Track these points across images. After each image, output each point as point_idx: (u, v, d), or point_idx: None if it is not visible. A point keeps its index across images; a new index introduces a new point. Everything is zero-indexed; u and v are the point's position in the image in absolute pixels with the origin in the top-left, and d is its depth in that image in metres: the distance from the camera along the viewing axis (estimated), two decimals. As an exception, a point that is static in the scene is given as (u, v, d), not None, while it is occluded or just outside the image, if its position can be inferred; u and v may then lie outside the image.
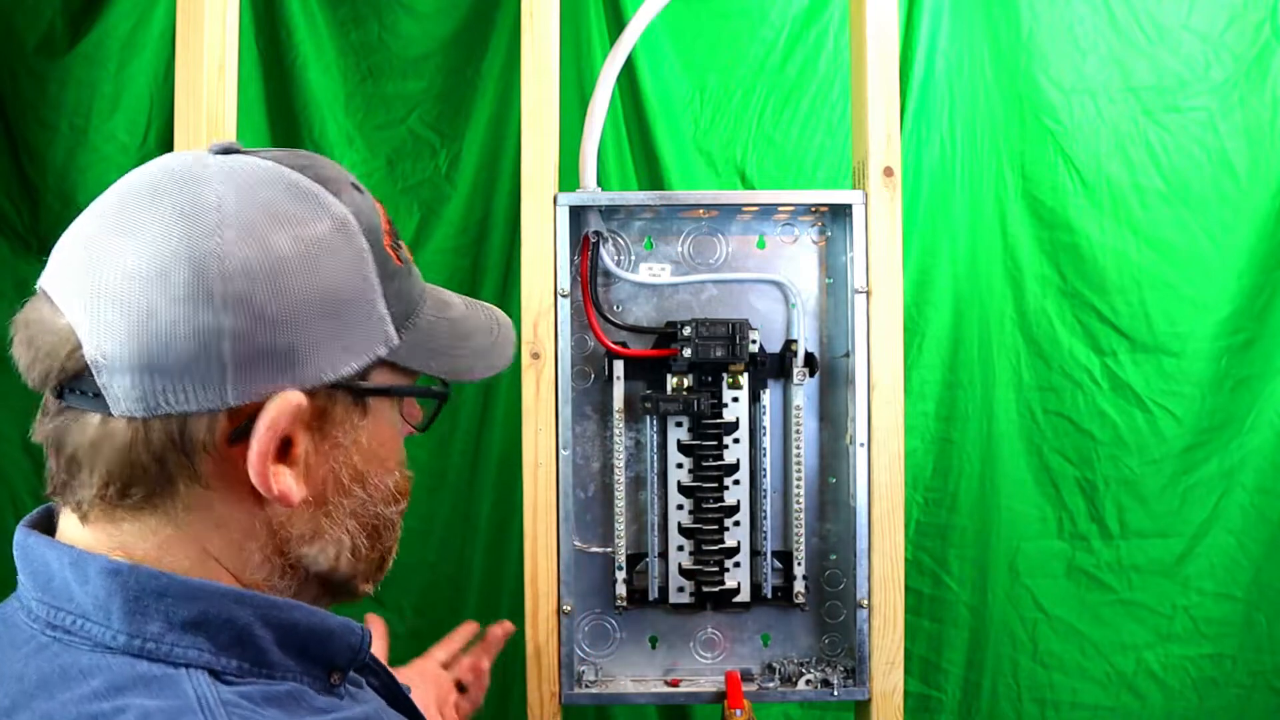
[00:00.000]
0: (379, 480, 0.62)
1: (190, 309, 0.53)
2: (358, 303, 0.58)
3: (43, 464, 1.87)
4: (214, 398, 0.54)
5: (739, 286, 1.29)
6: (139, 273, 0.53)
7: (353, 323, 0.58)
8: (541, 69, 1.21)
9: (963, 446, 1.68)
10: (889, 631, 1.22)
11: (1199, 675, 1.70)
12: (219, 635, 0.55)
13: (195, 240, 0.54)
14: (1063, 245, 1.68)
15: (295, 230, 0.56)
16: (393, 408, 0.63)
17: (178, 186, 0.56)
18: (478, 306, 0.70)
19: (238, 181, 0.57)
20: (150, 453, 0.55)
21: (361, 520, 0.62)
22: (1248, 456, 1.68)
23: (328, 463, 0.59)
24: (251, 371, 0.54)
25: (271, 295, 0.54)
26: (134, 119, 1.64)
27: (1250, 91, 1.66)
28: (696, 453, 1.26)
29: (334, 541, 0.61)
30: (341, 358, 0.57)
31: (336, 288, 0.57)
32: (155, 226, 0.55)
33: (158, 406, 0.54)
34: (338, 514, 0.60)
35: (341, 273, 0.57)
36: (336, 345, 0.57)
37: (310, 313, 0.56)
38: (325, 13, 1.68)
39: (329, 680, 0.61)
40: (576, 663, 1.26)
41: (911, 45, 1.65)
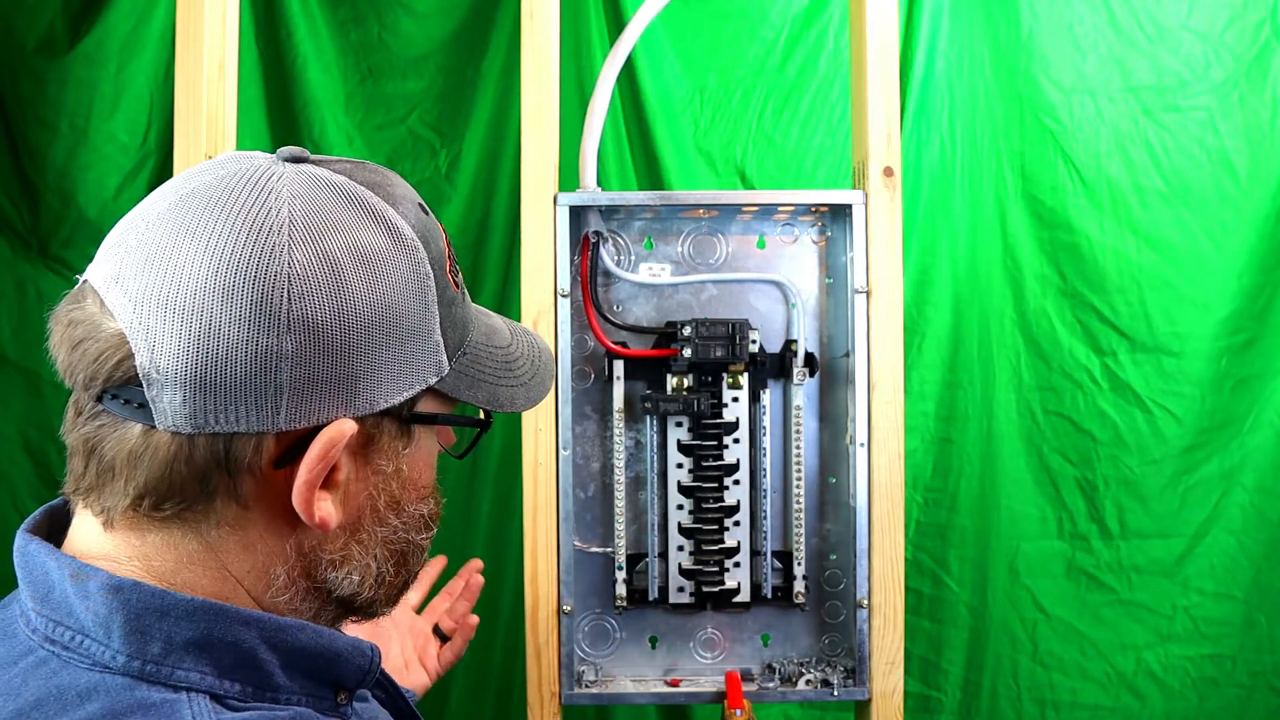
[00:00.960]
0: (414, 508, 0.61)
1: (253, 331, 0.51)
2: (418, 331, 0.57)
3: (43, 464, 1.87)
4: (265, 421, 0.53)
5: (739, 286, 1.29)
6: (203, 286, 0.51)
7: (411, 351, 0.56)
8: (541, 69, 1.21)
9: (963, 446, 1.68)
10: (889, 631, 1.22)
11: (1199, 675, 1.70)
12: (223, 658, 0.54)
13: (264, 258, 0.52)
14: (1063, 245, 1.68)
15: (366, 256, 0.54)
16: (432, 435, 0.62)
17: (248, 193, 0.54)
18: (520, 333, 0.69)
19: (310, 197, 0.55)
20: (192, 469, 0.53)
21: (391, 548, 0.61)
22: (1248, 456, 1.68)
23: (367, 489, 0.58)
24: (308, 398, 0.53)
25: (336, 323, 0.53)
26: (134, 119, 1.64)
27: (1250, 91, 1.66)
28: (696, 453, 1.26)
29: (361, 568, 0.59)
30: (396, 386, 0.56)
31: (400, 316, 0.55)
32: (223, 236, 0.52)
33: (206, 425, 0.52)
34: (370, 541, 0.60)
35: (406, 301, 0.56)
36: (393, 373, 0.56)
37: (373, 342, 0.54)
38: (325, 13, 1.68)
39: (336, 700, 0.59)
40: (576, 663, 1.26)
41: (911, 45, 1.65)
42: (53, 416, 1.66)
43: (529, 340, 0.70)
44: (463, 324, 0.61)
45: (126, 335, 0.52)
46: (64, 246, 1.65)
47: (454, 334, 0.60)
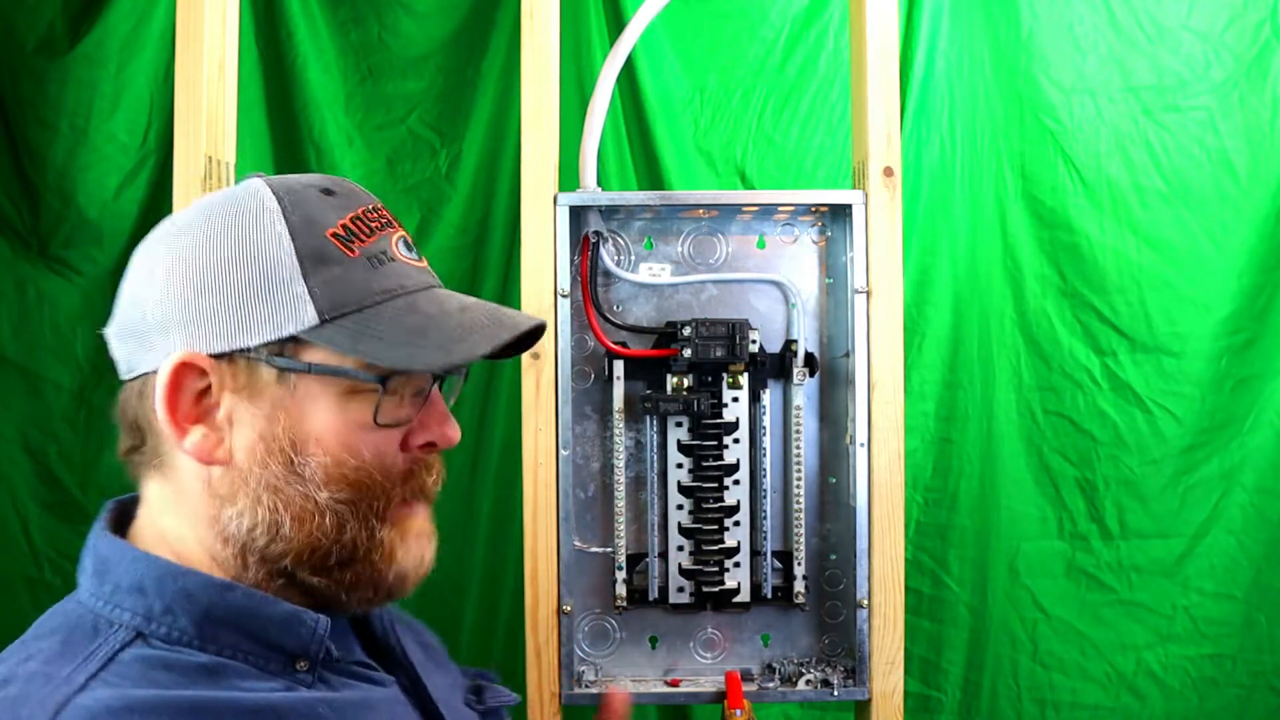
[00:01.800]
0: (304, 458, 0.65)
1: (141, 285, 0.66)
2: (267, 282, 0.64)
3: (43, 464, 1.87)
4: (152, 359, 0.65)
5: (739, 286, 1.29)
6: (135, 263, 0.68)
7: (261, 299, 0.64)
8: (541, 69, 1.21)
9: (963, 446, 1.68)
10: (889, 631, 1.22)
11: (1199, 675, 1.70)
12: (154, 602, 0.62)
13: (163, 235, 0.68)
14: (1063, 245, 1.68)
15: (217, 221, 0.66)
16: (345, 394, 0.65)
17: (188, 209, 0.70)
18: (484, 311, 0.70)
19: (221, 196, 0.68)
20: (132, 411, 0.67)
21: (284, 497, 0.65)
22: (1248, 456, 1.68)
23: (249, 430, 0.65)
24: (167, 335, 0.64)
25: (186, 270, 0.64)
26: (134, 119, 1.64)
27: (1250, 91, 1.66)
28: (696, 453, 1.26)
29: (249, 510, 0.64)
30: (247, 330, 0.64)
31: (242, 266, 0.64)
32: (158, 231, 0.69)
33: (132, 368, 0.67)
34: (253, 482, 0.64)
35: (249, 253, 0.64)
36: (241, 317, 0.64)
37: (215, 286, 0.64)
38: (325, 13, 1.68)
39: (292, 666, 0.65)
40: (576, 663, 1.26)
41: (911, 45, 1.65)
42: (53, 416, 1.66)
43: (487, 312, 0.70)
44: (358, 287, 0.65)
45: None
46: (64, 246, 1.65)
47: (336, 292, 0.65)
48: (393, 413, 0.67)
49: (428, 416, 0.69)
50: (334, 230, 0.66)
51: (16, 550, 1.66)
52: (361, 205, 0.68)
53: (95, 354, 1.65)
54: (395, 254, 0.68)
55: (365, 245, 0.67)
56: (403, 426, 0.68)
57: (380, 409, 0.66)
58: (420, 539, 0.70)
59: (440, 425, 0.70)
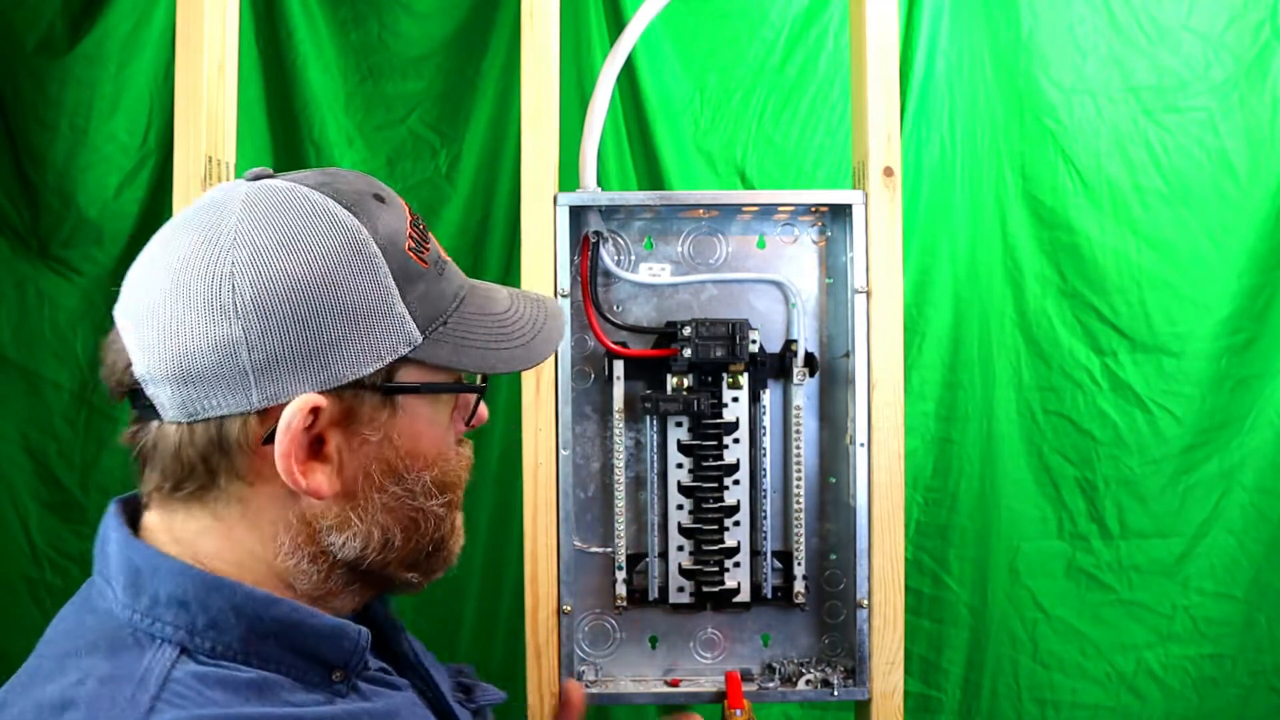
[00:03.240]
0: (416, 476, 0.66)
1: (208, 323, 0.60)
2: (373, 307, 0.62)
3: (43, 464, 1.87)
4: (241, 402, 0.61)
5: (739, 286, 1.29)
6: (168, 293, 0.60)
7: (369, 325, 0.62)
8: (541, 69, 1.21)
9: (963, 446, 1.68)
10: (889, 631, 1.22)
11: (1199, 675, 1.70)
12: (197, 617, 0.61)
13: (211, 260, 0.60)
14: (1063, 245, 1.68)
15: (305, 244, 0.61)
16: (434, 405, 0.67)
17: (206, 214, 0.63)
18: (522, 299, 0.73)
19: (255, 204, 0.62)
20: (196, 453, 0.62)
21: (397, 514, 0.66)
22: (1248, 456, 1.68)
23: (359, 459, 0.64)
24: (271, 375, 0.60)
25: (283, 305, 0.60)
26: (134, 119, 1.64)
27: (1250, 91, 1.66)
28: (696, 453, 1.26)
29: (363, 534, 0.65)
30: (360, 359, 0.62)
31: (348, 294, 0.61)
32: (183, 250, 0.61)
33: (196, 413, 0.61)
34: (369, 507, 0.65)
35: (352, 279, 0.62)
36: (353, 347, 0.62)
37: (322, 319, 0.61)
38: (325, 13, 1.68)
39: (329, 677, 0.64)
40: (576, 663, 1.26)
41: (911, 45, 1.65)
42: (53, 416, 1.66)
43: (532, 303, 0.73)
44: (438, 296, 0.66)
45: (127, 348, 0.62)
46: (64, 246, 1.65)
47: (427, 307, 0.65)
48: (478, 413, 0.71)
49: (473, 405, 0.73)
50: (409, 244, 0.65)
51: (16, 550, 1.66)
52: (408, 210, 0.68)
53: (95, 354, 1.65)
54: (443, 256, 0.69)
55: (428, 253, 0.67)
56: None
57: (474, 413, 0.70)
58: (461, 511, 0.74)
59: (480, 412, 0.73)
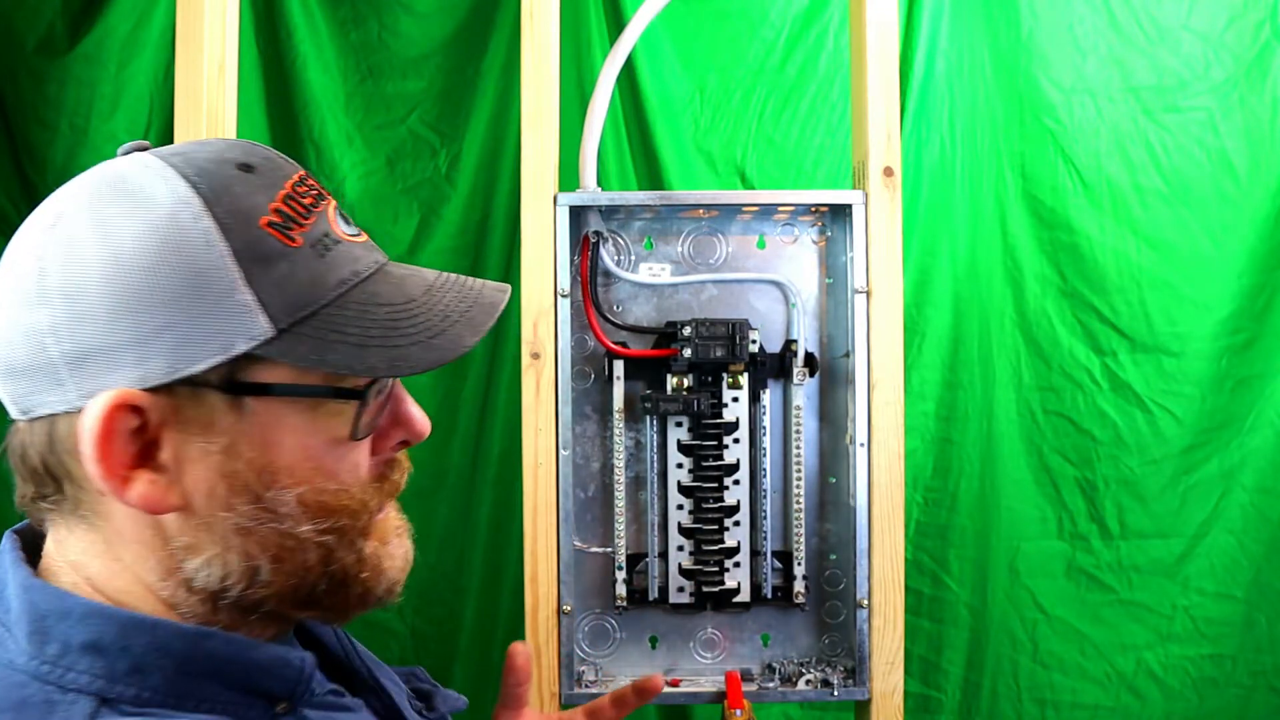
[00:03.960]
0: (276, 494, 0.55)
1: (20, 310, 0.53)
2: (200, 292, 0.52)
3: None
4: (61, 398, 0.53)
5: (739, 286, 1.29)
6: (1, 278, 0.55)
7: (197, 314, 0.52)
8: (541, 69, 1.21)
9: (963, 446, 1.68)
10: (889, 631, 1.22)
11: (1199, 675, 1.70)
12: (116, 662, 0.53)
13: (34, 245, 0.54)
14: (1063, 245, 1.68)
15: (119, 223, 0.53)
16: (314, 412, 0.56)
17: (55, 196, 0.57)
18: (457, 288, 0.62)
19: (94, 183, 0.56)
20: (38, 455, 0.55)
21: (259, 539, 0.55)
22: (1248, 456, 1.68)
23: (201, 470, 0.54)
24: (85, 371, 0.52)
25: (91, 290, 0.52)
26: (134, 119, 1.64)
27: (1250, 91, 1.66)
28: (696, 453, 1.26)
29: (218, 559, 0.55)
30: (186, 353, 0.52)
31: (168, 278, 0.52)
32: (20, 235, 0.56)
33: (28, 410, 0.54)
34: (218, 527, 0.55)
35: (173, 261, 0.52)
36: (178, 339, 0.52)
37: (137, 306, 0.52)
38: (325, 13, 1.68)
39: (272, 711, 0.57)
40: (576, 663, 1.26)
41: (911, 45, 1.65)
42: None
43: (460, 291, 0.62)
44: (312, 282, 0.55)
45: None
46: (64, 246, 1.65)
47: (289, 293, 0.54)
48: (370, 421, 0.58)
49: (396, 412, 0.61)
50: (268, 218, 0.54)
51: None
52: (287, 179, 0.57)
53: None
54: (337, 232, 0.58)
55: (305, 230, 0.56)
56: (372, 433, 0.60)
57: (360, 422, 0.57)
58: (399, 538, 0.63)
59: (410, 421, 0.61)
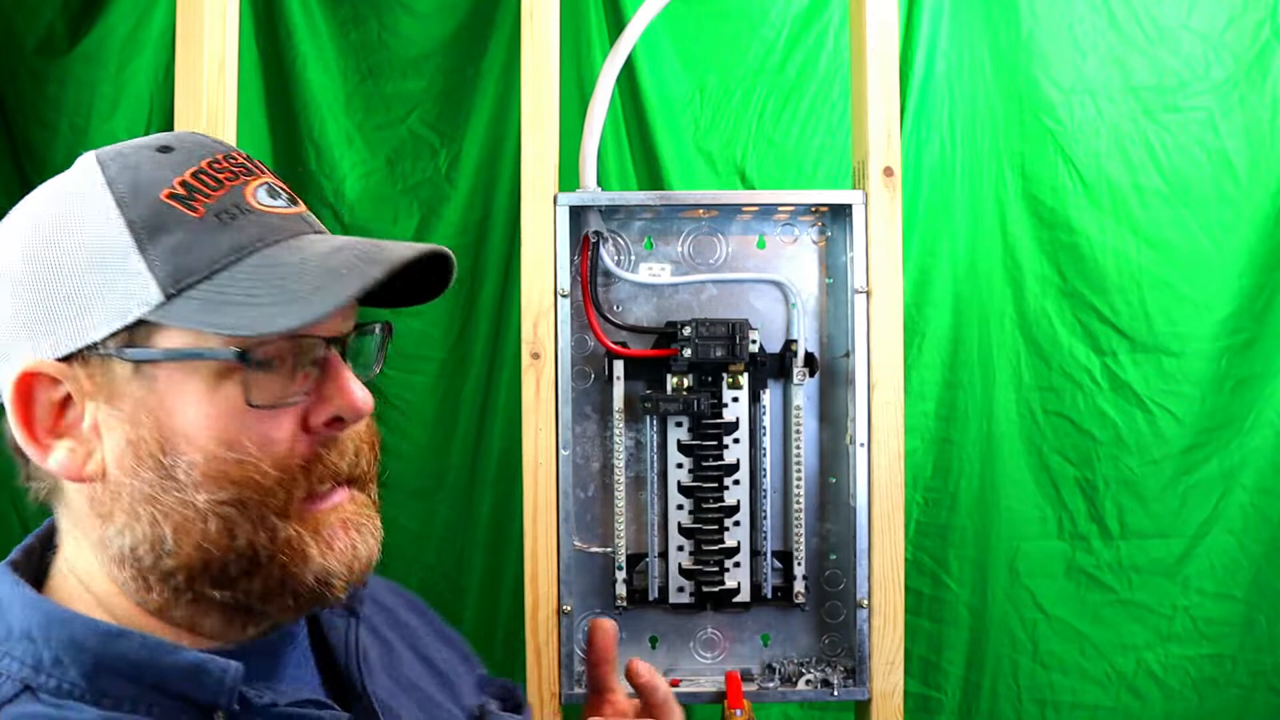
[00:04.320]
0: (176, 460, 0.55)
1: None
2: (96, 262, 0.55)
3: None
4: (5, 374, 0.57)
5: (739, 286, 1.29)
6: None
7: (95, 284, 0.55)
8: (541, 69, 1.21)
9: (963, 446, 1.68)
10: (889, 631, 1.22)
11: (1199, 675, 1.70)
12: (43, 652, 0.55)
13: None
14: (1063, 245, 1.68)
15: (33, 207, 0.58)
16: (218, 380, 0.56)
17: None
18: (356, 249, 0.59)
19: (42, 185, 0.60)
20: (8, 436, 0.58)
21: (161, 506, 0.56)
22: (1248, 456, 1.68)
23: (116, 437, 0.56)
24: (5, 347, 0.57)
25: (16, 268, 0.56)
26: (134, 119, 1.64)
27: (1250, 91, 1.66)
28: (696, 453, 1.26)
29: (129, 527, 0.56)
30: (87, 322, 0.55)
31: (68, 251, 0.55)
32: None
33: None
34: (125, 495, 0.56)
35: (73, 235, 0.55)
36: (80, 309, 0.55)
37: (45, 280, 0.55)
38: (325, 13, 1.67)
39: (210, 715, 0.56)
40: (576, 663, 1.26)
41: (911, 45, 1.65)
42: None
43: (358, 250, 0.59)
44: (208, 248, 0.56)
45: None
46: (64, 246, 1.65)
47: (182, 260, 0.55)
48: (272, 390, 0.57)
49: (326, 387, 0.59)
50: (170, 190, 0.56)
51: (16, 550, 1.66)
52: (207, 157, 0.59)
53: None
54: (252, 204, 0.58)
55: (211, 201, 0.57)
56: (292, 405, 0.58)
57: (252, 388, 0.56)
58: (346, 529, 0.60)
59: (342, 395, 0.58)
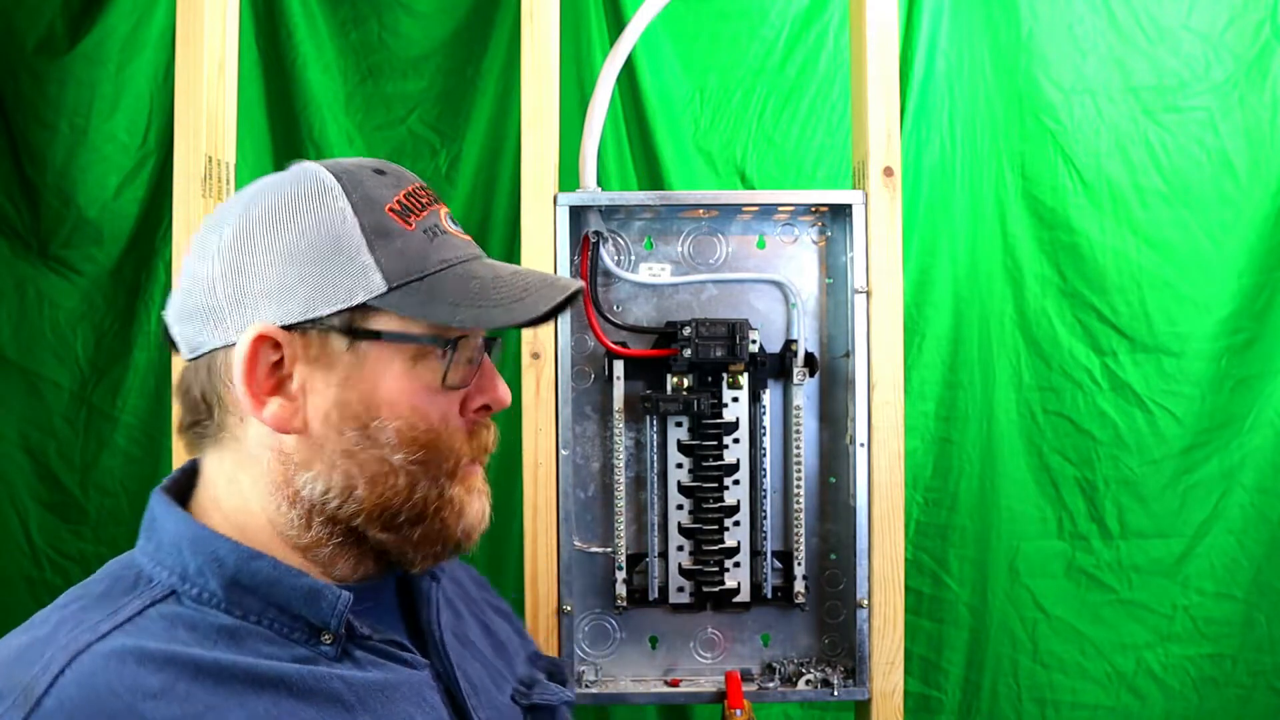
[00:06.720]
0: (380, 423, 0.68)
1: (199, 264, 0.69)
2: (332, 252, 0.67)
3: (43, 464, 1.86)
4: (222, 335, 0.67)
5: (739, 286, 1.29)
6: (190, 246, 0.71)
7: (329, 270, 0.67)
8: (541, 69, 1.21)
9: (963, 446, 1.68)
10: (889, 631, 1.22)
11: (1199, 675, 1.70)
12: (189, 563, 0.66)
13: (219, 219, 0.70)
14: (1063, 245, 1.68)
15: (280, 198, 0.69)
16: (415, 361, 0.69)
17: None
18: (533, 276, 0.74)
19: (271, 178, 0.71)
20: (200, 388, 0.70)
21: (360, 461, 0.68)
22: (1248, 456, 1.68)
23: (322, 400, 0.68)
24: (240, 309, 0.67)
25: (254, 246, 0.67)
26: (134, 119, 1.64)
27: (1250, 91, 1.66)
28: (696, 453, 1.26)
29: (324, 476, 0.68)
30: (318, 299, 0.67)
31: (311, 240, 0.67)
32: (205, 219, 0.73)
33: (196, 348, 0.69)
34: (329, 448, 0.68)
35: (316, 229, 0.67)
36: (314, 288, 0.67)
37: (287, 259, 0.67)
38: (325, 13, 1.68)
39: (318, 637, 0.67)
40: (576, 663, 1.26)
41: (911, 45, 1.65)
42: (53, 416, 1.66)
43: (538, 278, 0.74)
44: (420, 256, 0.69)
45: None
46: (64, 246, 1.65)
47: (401, 262, 0.68)
48: (458, 375, 0.71)
49: (482, 380, 0.73)
50: (391, 205, 0.69)
51: (16, 550, 1.66)
52: (411, 183, 0.72)
53: (95, 354, 1.65)
54: (445, 227, 0.72)
55: (420, 219, 0.70)
56: (464, 389, 0.72)
57: (449, 372, 0.70)
58: (482, 496, 0.74)
59: (493, 389, 0.74)
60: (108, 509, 1.66)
